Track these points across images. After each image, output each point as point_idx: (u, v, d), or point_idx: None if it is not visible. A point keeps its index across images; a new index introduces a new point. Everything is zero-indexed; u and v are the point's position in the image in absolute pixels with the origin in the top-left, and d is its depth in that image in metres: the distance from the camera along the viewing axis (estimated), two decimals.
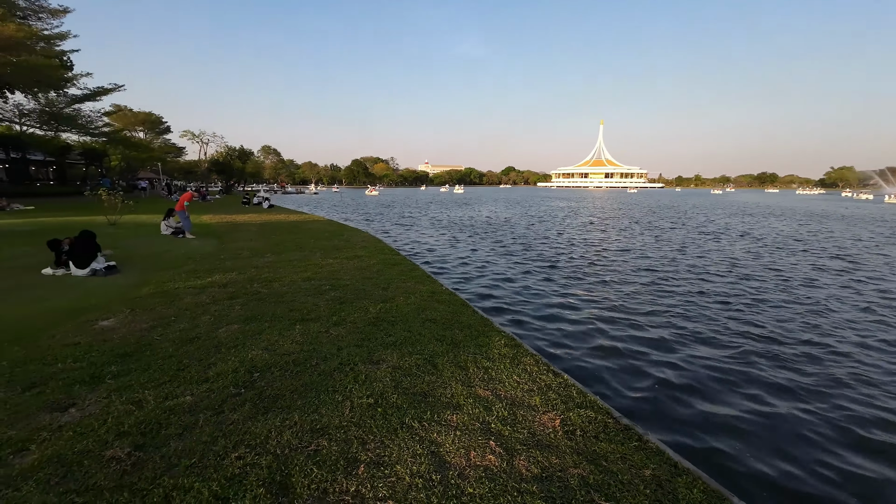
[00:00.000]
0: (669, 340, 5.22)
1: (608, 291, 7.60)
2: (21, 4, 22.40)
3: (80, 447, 2.27)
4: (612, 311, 6.38)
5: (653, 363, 4.57)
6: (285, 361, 3.42)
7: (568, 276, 8.82)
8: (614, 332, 5.52)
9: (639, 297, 7.24)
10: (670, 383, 4.11)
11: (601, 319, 6.01)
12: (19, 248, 8.84)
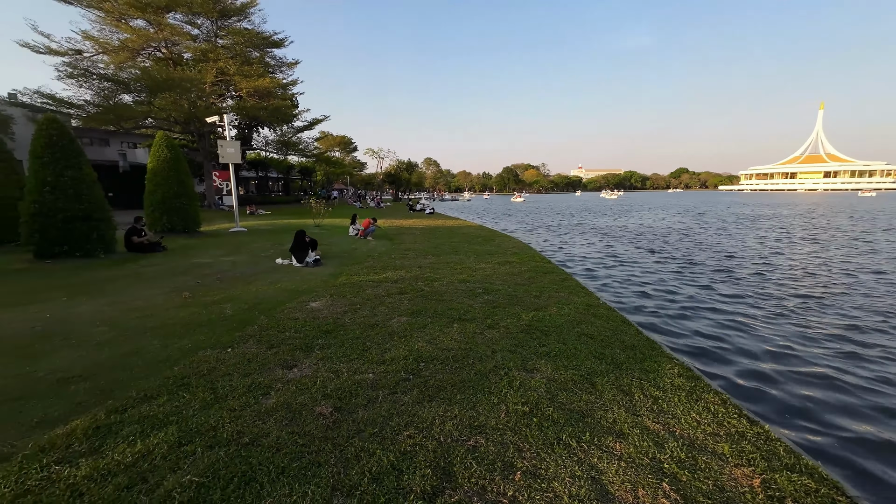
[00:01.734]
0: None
1: (846, 340, 5.82)
2: (271, 63, 30.49)
3: (300, 399, 2.92)
4: (852, 365, 4.85)
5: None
6: (446, 356, 3.70)
7: (775, 307, 7.11)
8: (851, 389, 4.19)
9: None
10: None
11: (828, 374, 4.64)
12: (263, 242, 11.91)
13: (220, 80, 26.15)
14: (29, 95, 22.66)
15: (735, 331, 5.70)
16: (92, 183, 8.53)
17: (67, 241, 8.06)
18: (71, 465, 2.21)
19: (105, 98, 23.44)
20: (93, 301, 5.46)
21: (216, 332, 4.27)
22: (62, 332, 4.25)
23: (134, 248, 9.37)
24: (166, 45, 26.33)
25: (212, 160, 27.82)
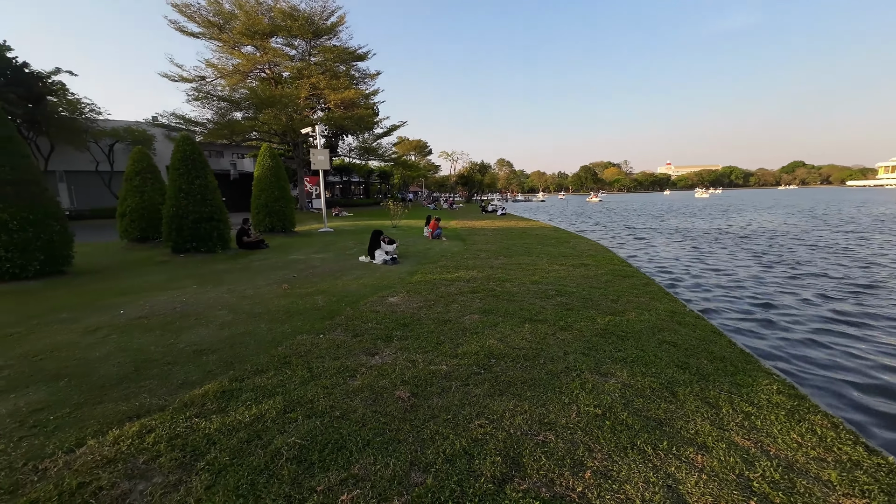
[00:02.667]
0: None
1: None
2: (355, 75, 32.90)
3: (381, 383, 3.22)
4: None
5: None
6: (516, 354, 3.77)
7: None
8: None
9: None
10: None
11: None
12: (348, 241, 12.94)
13: (313, 94, 28.84)
14: (166, 117, 27.17)
15: (858, 359, 4.92)
16: (214, 189, 10.06)
17: (196, 238, 9.61)
18: (206, 420, 2.72)
19: (221, 116, 27.22)
20: (215, 289, 6.48)
21: (310, 320, 4.83)
22: (195, 313, 5.14)
23: (244, 246, 10.82)
24: (269, 66, 29.74)
25: (304, 167, 30.78)
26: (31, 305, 5.56)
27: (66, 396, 3.04)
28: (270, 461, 2.29)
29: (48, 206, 7.19)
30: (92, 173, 28.70)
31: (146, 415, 2.80)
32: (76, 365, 3.58)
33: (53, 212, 7.28)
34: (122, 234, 11.54)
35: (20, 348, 3.97)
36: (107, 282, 7.07)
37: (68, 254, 7.63)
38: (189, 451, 2.40)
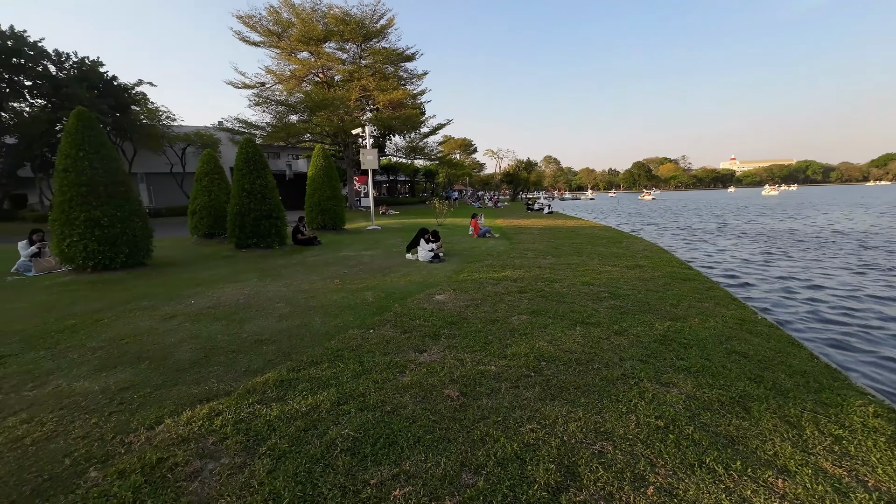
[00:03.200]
0: None
1: None
2: (403, 76, 33.49)
3: (430, 381, 3.23)
4: None
5: None
6: (568, 358, 3.64)
7: None
8: None
9: None
10: None
11: None
12: (395, 239, 13.21)
13: (363, 96, 29.74)
14: (230, 122, 29.21)
15: None
16: (273, 188, 10.68)
17: (256, 235, 10.25)
18: (266, 406, 2.87)
19: (279, 119, 28.84)
20: (274, 283, 6.86)
21: (361, 315, 4.96)
22: (256, 305, 5.47)
23: (298, 242, 11.39)
24: (322, 70, 31.04)
25: (354, 166, 31.84)
26: (118, 293, 6.20)
27: (147, 377, 3.34)
28: (326, 451, 2.37)
29: (132, 204, 7.99)
30: (167, 174, 31.56)
31: (214, 399, 3.00)
32: (155, 349, 3.93)
33: (136, 210, 8.07)
34: (192, 230, 12.58)
35: (109, 332, 4.43)
36: (180, 274, 7.73)
37: (148, 248, 8.43)
38: (252, 435, 2.54)
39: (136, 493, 2.06)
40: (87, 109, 7.87)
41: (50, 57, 22.40)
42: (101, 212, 7.39)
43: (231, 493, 2.05)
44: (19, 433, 2.57)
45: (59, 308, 5.39)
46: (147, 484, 2.13)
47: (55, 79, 22.28)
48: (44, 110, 22.22)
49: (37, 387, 3.19)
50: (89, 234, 7.29)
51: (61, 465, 2.29)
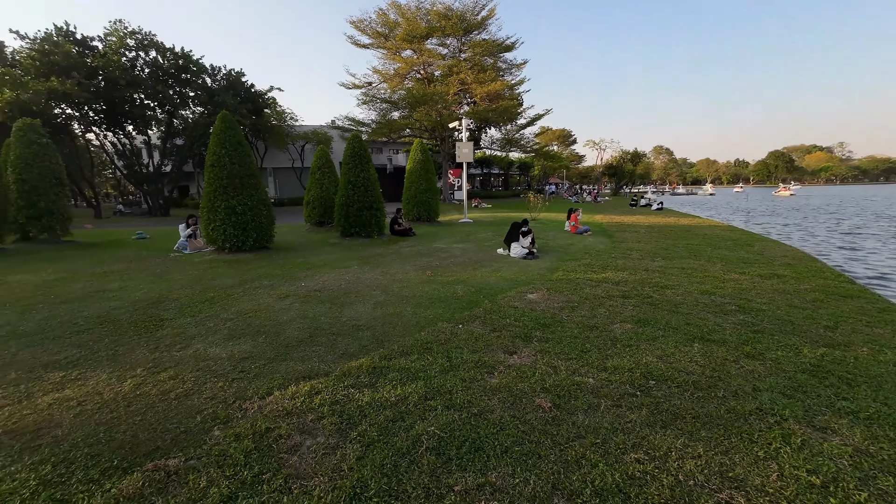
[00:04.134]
0: None
1: None
2: (502, 67, 32.99)
3: (520, 387, 3.04)
4: None
5: None
6: (683, 380, 3.12)
7: None
8: None
9: None
10: None
11: None
12: (486, 232, 13.11)
13: (461, 89, 30.07)
14: (341, 120, 31.94)
15: None
16: (375, 181, 11.37)
17: (359, 224, 11.04)
18: (359, 391, 2.98)
19: (382, 116, 30.69)
20: (372, 270, 7.27)
21: (450, 309, 4.95)
22: (355, 290, 5.84)
23: (395, 233, 11.97)
24: (423, 67, 32.10)
25: (449, 160, 32.50)
26: (246, 272, 7.16)
27: (263, 350, 3.75)
28: (412, 446, 2.35)
29: (260, 195, 9.17)
30: (289, 169, 35.92)
31: (315, 377, 3.22)
32: (271, 325, 4.40)
33: (264, 200, 9.25)
34: (306, 218, 14.07)
35: (238, 306, 5.10)
36: (294, 258, 8.66)
37: (271, 233, 9.62)
38: (345, 418, 2.65)
39: (247, 456, 2.28)
40: (230, 113, 9.20)
41: (207, 71, 26.93)
42: (237, 201, 8.62)
43: (323, 473, 2.14)
44: (167, 387, 3.06)
45: (204, 282, 6.41)
46: (256, 450, 2.33)
47: (210, 89, 26.76)
48: (202, 116, 26.87)
49: (182, 349, 3.78)
50: (228, 220, 8.57)
51: (194, 420, 2.64)
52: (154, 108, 25.41)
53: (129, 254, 9.42)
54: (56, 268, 7.63)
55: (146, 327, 4.31)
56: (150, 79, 23.96)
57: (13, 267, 7.70)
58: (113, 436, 2.47)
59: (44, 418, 2.66)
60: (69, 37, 22.16)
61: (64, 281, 6.48)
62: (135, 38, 23.72)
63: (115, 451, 2.33)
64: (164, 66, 24.58)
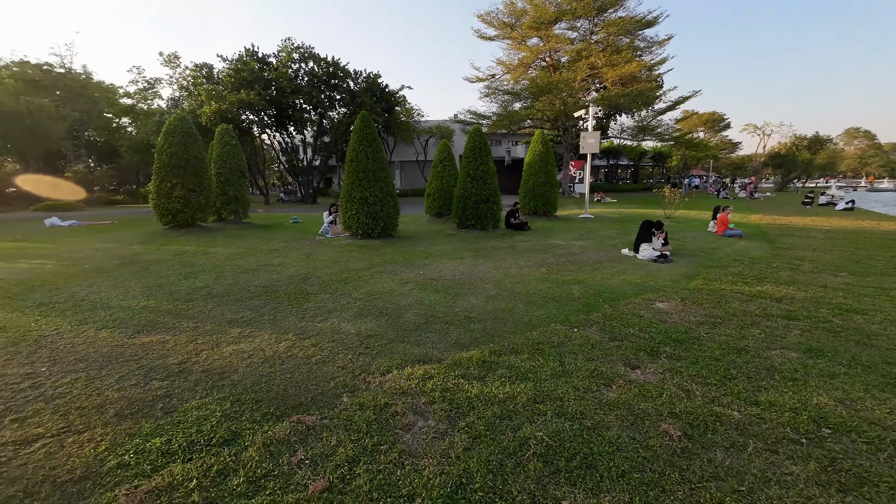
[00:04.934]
0: None
1: None
2: (640, 45, 29.61)
3: (643, 406, 2.73)
4: None
5: None
6: (877, 437, 2.41)
7: None
8: None
9: None
10: None
11: None
12: (610, 230, 12.09)
13: (589, 75, 28.04)
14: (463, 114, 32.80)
15: None
16: (493, 174, 11.43)
17: (475, 217, 11.27)
18: (469, 383, 3.05)
19: (504, 108, 30.52)
20: (485, 263, 7.36)
21: (565, 310, 4.71)
22: (468, 282, 5.98)
23: (510, 226, 11.88)
24: (549, 54, 30.80)
25: (571, 151, 30.78)
26: (374, 257, 7.94)
27: (385, 331, 4.11)
28: (518, 448, 2.31)
29: (388, 187, 10.04)
30: (413, 162, 38.50)
31: (428, 362, 3.40)
32: (392, 308, 4.79)
33: (391, 191, 10.10)
34: (426, 209, 14.92)
35: (366, 287, 5.69)
36: (415, 246, 9.28)
37: (396, 223, 10.47)
38: (455, 406, 2.74)
39: (369, 426, 2.53)
40: (368, 112, 10.22)
41: (350, 75, 30.39)
42: (370, 192, 9.59)
43: (432, 456, 2.26)
44: (310, 353, 3.58)
45: (340, 263, 7.32)
46: (376, 422, 2.58)
47: (352, 91, 30.16)
48: (344, 116, 30.52)
49: (322, 321, 4.39)
50: (361, 209, 9.61)
51: (328, 385, 3.05)
52: (309, 111, 29.78)
53: (287, 235, 11.30)
54: (238, 244, 9.59)
55: (297, 299, 5.12)
56: (307, 86, 28.10)
57: (212, 241, 9.93)
58: (270, 387, 3.00)
59: (227, 364, 3.37)
60: (254, 56, 27.35)
61: (243, 255, 8.11)
62: (299, 52, 28.03)
63: (271, 399, 2.83)
64: (318, 74, 28.53)
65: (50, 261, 7.49)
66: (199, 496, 1.99)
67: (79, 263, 7.15)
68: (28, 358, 3.43)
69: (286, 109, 28.04)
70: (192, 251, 8.44)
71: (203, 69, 28.29)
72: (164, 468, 2.18)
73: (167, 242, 9.57)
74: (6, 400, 2.81)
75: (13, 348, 3.62)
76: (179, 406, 2.75)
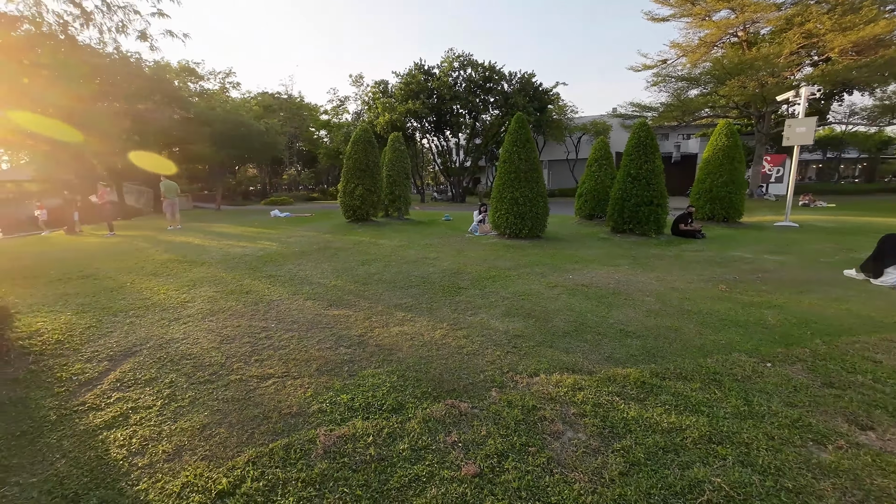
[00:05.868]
0: None
1: None
2: None
3: (881, 483, 2.06)
4: None
5: None
6: None
7: None
8: None
9: None
10: None
11: None
12: (823, 243, 9.41)
13: (802, 45, 22.17)
14: (623, 107, 29.95)
15: None
16: (659, 174, 10.15)
17: (633, 220, 10.21)
18: (625, 402, 2.80)
19: (676, 96, 26.68)
20: (645, 273, 6.61)
21: (753, 339, 3.88)
22: (625, 292, 5.48)
23: (677, 233, 10.37)
24: (744, 27, 25.49)
25: (766, 143, 24.98)
26: (521, 258, 7.96)
27: (532, 332, 4.10)
28: (688, 489, 2.02)
29: (539, 188, 9.91)
30: (563, 161, 37.03)
31: (578, 372, 3.26)
32: (540, 311, 4.74)
33: (542, 192, 9.96)
34: (577, 210, 14.19)
35: (513, 287, 5.77)
36: (563, 249, 8.94)
37: (545, 224, 10.27)
38: (608, 425, 2.56)
39: (517, 424, 2.58)
40: (522, 114, 10.28)
41: (505, 77, 30.99)
42: (520, 193, 9.65)
43: (584, 471, 2.16)
44: (461, 344, 3.84)
45: (489, 262, 7.58)
46: (524, 422, 2.61)
47: (506, 93, 30.72)
48: (496, 118, 31.34)
49: (472, 315, 4.64)
50: (511, 210, 9.74)
51: (478, 376, 3.21)
52: (464, 115, 31.61)
53: (440, 231, 12.28)
54: (401, 237, 10.87)
55: (449, 291, 5.54)
56: (464, 91, 29.87)
57: (381, 234, 11.51)
58: (428, 369, 3.33)
59: (393, 342, 3.88)
60: (421, 69, 30.48)
61: (405, 247, 9.17)
62: (459, 60, 30.01)
63: (429, 380, 3.14)
64: (474, 80, 30.01)
65: (274, 243, 9.85)
66: (374, 451, 2.35)
67: (290, 247, 9.20)
68: (264, 315, 4.60)
69: (444, 115, 30.36)
70: (366, 241, 9.95)
71: (380, 85, 32.81)
72: (349, 420, 2.65)
73: (348, 233, 11.51)
74: (253, 343, 3.84)
75: (254, 307, 4.90)
76: (359, 371, 3.30)
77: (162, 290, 5.54)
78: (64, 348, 3.74)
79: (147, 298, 5.20)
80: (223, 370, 3.34)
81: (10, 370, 3.31)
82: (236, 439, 2.49)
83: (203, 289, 5.63)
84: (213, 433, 2.55)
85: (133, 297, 5.24)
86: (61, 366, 3.41)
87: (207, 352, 3.66)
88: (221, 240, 10.55)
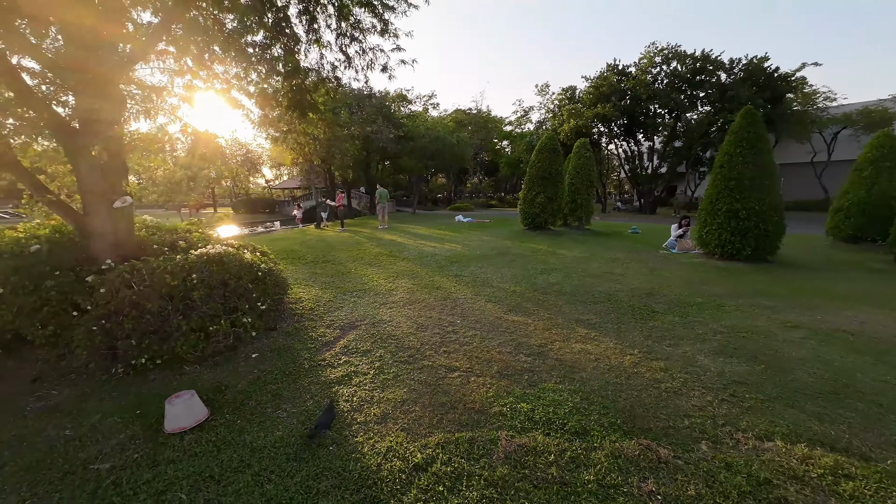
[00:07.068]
0: None
1: None
2: None
3: None
4: None
5: None
6: None
7: None
8: None
9: None
10: None
11: None
12: None
13: None
14: None
15: None
16: None
17: None
18: None
19: None
20: None
21: None
22: None
23: None
24: None
25: None
26: (738, 284, 6.40)
27: (760, 382, 3.21)
28: None
29: (772, 198, 7.78)
30: (803, 164, 28.35)
31: (840, 452, 2.37)
32: (772, 356, 3.68)
33: (775, 205, 7.80)
34: (829, 230, 10.56)
35: (728, 320, 4.67)
36: (805, 279, 6.78)
37: (777, 244, 8.02)
38: None
39: (742, 497, 2.03)
40: (752, 108, 8.30)
41: (723, 66, 25.78)
42: (742, 204, 7.79)
43: None
44: (658, 377, 3.30)
45: (692, 285, 6.38)
46: (752, 498, 2.04)
47: (723, 85, 25.54)
48: (707, 115, 26.36)
49: (672, 346, 3.96)
50: (726, 224, 7.97)
51: (681, 421, 2.69)
52: (663, 115, 27.77)
53: (626, 245, 11.08)
54: (581, 248, 10.29)
55: (640, 314, 4.88)
56: (665, 88, 26.25)
57: (559, 244, 11.17)
58: (616, 398, 2.99)
59: (575, 360, 3.65)
60: (614, 69, 28.34)
61: (587, 259, 8.62)
62: (662, 54, 26.59)
63: (618, 411, 2.81)
64: (680, 73, 26.02)
65: (458, 245, 10.74)
66: (556, 472, 2.23)
67: (473, 250, 9.85)
68: (451, 311, 5.03)
69: (637, 117, 27.46)
70: (544, 250, 9.81)
71: (568, 91, 32.07)
72: (529, 431, 2.60)
73: (526, 241, 11.59)
74: (442, 335, 4.23)
75: (443, 302, 5.41)
76: (539, 383, 3.22)
77: (375, 278, 6.72)
78: (313, 315, 4.92)
79: (365, 283, 6.39)
80: (418, 355, 3.77)
81: (285, 325, 4.56)
82: (428, 420, 2.76)
83: (403, 280, 6.56)
84: (410, 409, 2.89)
85: (356, 281, 6.52)
86: (312, 327, 4.50)
87: (406, 336, 4.22)
88: (416, 239, 12.16)
